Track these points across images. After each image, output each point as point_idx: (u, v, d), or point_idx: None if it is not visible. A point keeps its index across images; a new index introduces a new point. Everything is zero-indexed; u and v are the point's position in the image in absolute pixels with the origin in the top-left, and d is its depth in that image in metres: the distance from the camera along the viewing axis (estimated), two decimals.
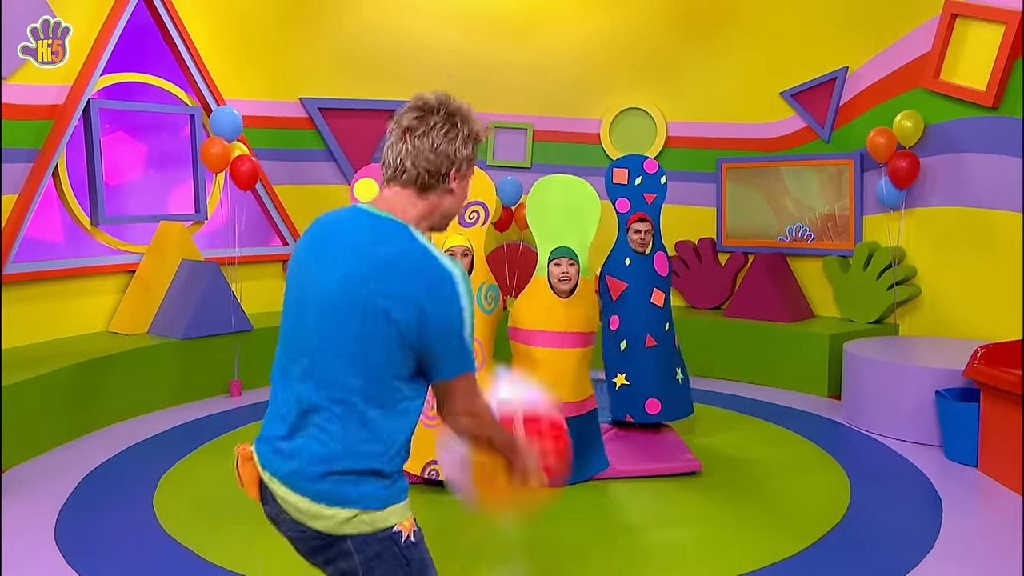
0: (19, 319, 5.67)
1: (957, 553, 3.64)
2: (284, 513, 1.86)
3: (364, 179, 5.20)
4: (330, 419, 1.81)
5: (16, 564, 3.55)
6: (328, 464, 1.80)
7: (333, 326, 1.80)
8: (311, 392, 1.83)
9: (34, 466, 4.79)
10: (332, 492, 1.80)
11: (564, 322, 4.43)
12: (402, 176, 1.89)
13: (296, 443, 1.84)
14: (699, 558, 3.63)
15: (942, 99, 6.18)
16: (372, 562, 1.83)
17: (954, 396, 4.94)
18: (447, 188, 1.92)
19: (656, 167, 5.21)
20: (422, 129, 1.88)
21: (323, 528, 1.82)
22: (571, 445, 2.23)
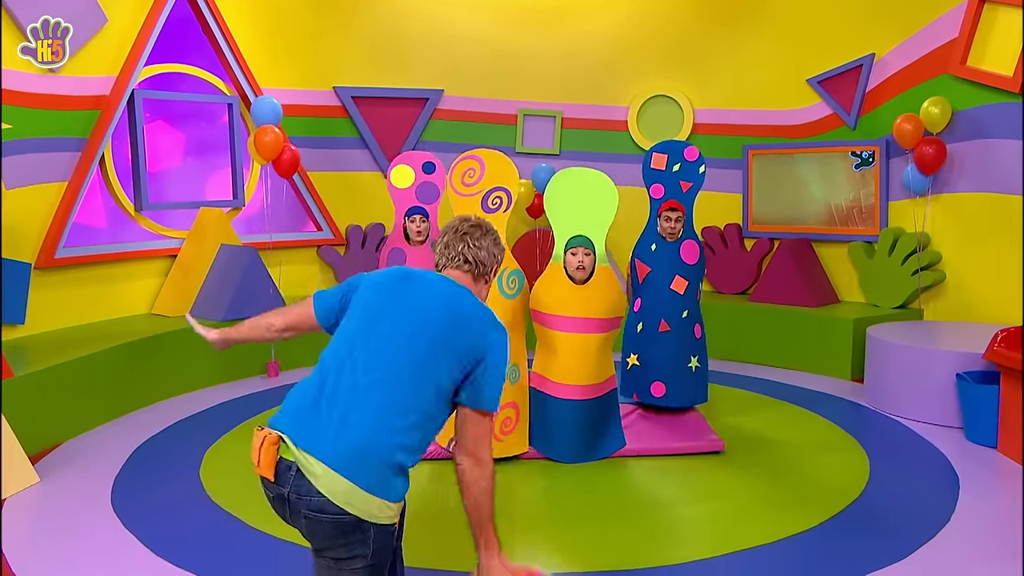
0: (67, 302, 5.92)
1: (971, 529, 3.73)
2: (314, 496, 2.11)
3: (400, 166, 5.40)
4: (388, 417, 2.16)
5: (79, 528, 3.79)
6: (376, 452, 2.12)
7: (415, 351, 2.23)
8: (376, 396, 2.17)
9: (87, 440, 5.04)
10: (373, 480, 2.11)
11: (581, 308, 4.55)
12: (463, 267, 2.48)
13: (347, 429, 2.14)
14: (719, 531, 3.75)
15: (969, 85, 6.20)
16: (378, 552, 2.18)
17: (975, 379, 5.00)
18: (486, 280, 2.53)
19: (696, 155, 5.25)
20: (479, 234, 2.50)
21: (357, 512, 2.10)
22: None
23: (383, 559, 2.20)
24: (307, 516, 2.12)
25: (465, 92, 7.96)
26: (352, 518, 2.10)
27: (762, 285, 7.26)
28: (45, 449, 4.81)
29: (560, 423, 4.57)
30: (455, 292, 2.37)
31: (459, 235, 2.47)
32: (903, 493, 4.16)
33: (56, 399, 4.95)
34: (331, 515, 2.10)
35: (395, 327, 2.26)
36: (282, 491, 2.15)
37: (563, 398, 4.55)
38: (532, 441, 4.68)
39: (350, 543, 2.13)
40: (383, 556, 2.19)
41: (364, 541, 2.13)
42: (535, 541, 3.66)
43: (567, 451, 4.59)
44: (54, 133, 5.70)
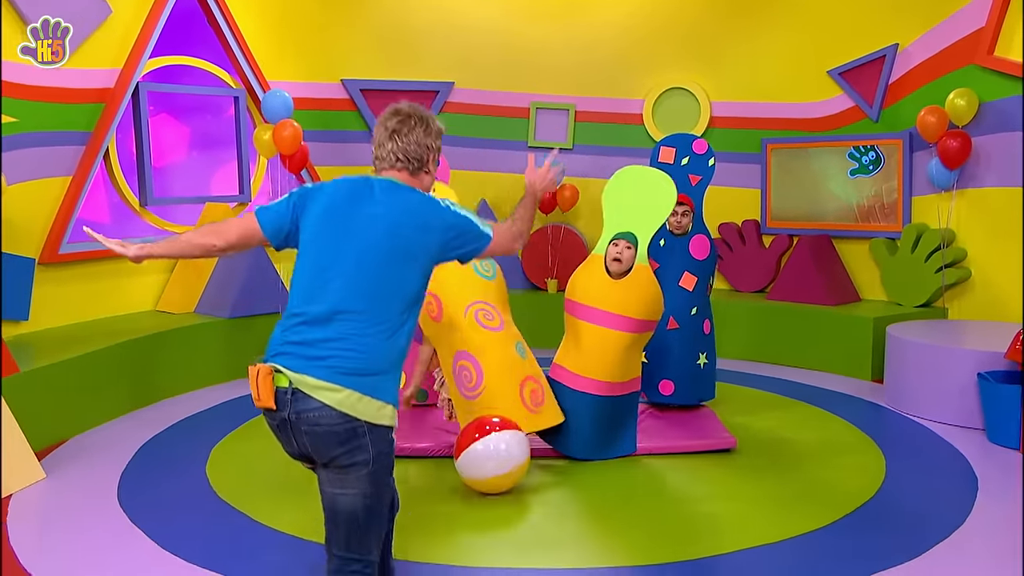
0: (72, 298, 5.89)
1: (987, 531, 3.66)
2: (313, 410, 2.28)
3: None
4: (359, 326, 2.33)
5: (85, 523, 3.80)
6: (358, 362, 2.30)
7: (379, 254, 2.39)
8: (349, 305, 2.34)
9: (92, 436, 5.03)
10: (359, 381, 2.30)
11: (612, 303, 4.43)
12: (397, 164, 2.56)
13: (317, 342, 2.32)
14: (730, 528, 3.71)
15: (997, 76, 6.04)
16: (380, 456, 2.34)
17: (997, 379, 4.89)
18: (425, 170, 2.61)
19: (705, 148, 5.16)
20: (404, 131, 2.55)
21: (349, 413, 2.28)
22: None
23: (384, 468, 2.38)
24: (307, 431, 2.30)
25: (476, 85, 7.88)
26: (348, 424, 2.28)
27: (780, 283, 7.13)
28: (51, 445, 4.80)
29: (574, 416, 4.46)
30: (398, 195, 2.50)
31: (388, 133, 2.55)
32: (919, 493, 4.09)
33: (61, 395, 4.93)
34: (328, 424, 2.27)
35: (354, 248, 2.40)
36: (283, 414, 2.31)
37: (581, 391, 4.45)
38: (542, 433, 4.58)
39: (350, 449, 2.30)
40: (384, 464, 2.37)
41: (363, 446, 2.30)
42: (547, 536, 3.66)
43: (576, 445, 4.49)
44: (58, 127, 5.66)
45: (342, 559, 2.40)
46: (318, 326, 2.33)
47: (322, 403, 2.26)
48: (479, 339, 4.36)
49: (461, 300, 4.42)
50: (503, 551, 3.53)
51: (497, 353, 4.37)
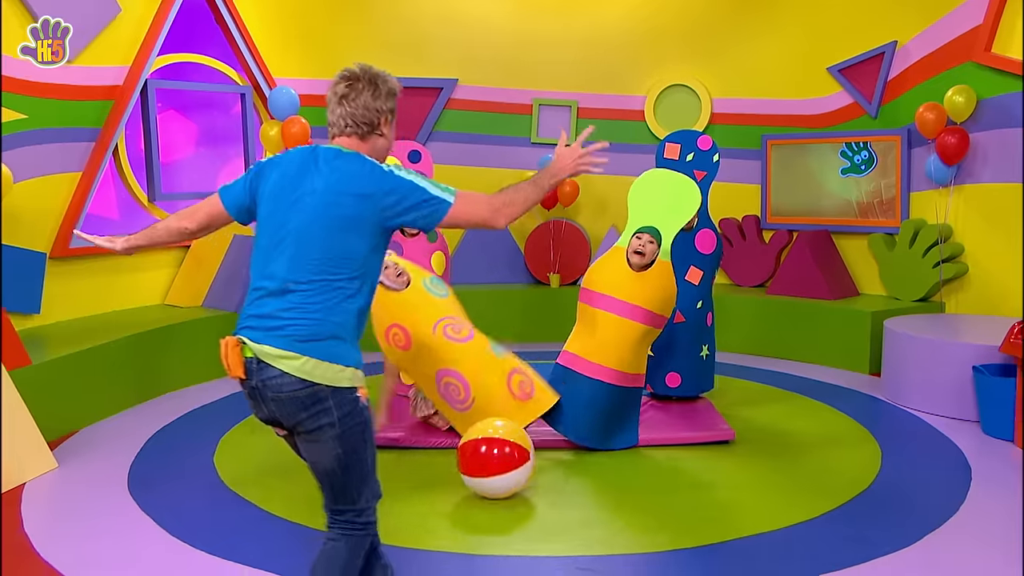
0: (82, 291, 5.98)
1: (980, 519, 3.72)
2: (274, 377, 2.35)
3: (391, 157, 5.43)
4: (310, 296, 2.37)
5: (97, 511, 3.89)
6: (311, 328, 2.35)
7: (321, 225, 2.40)
8: (298, 276, 2.38)
9: (103, 427, 5.12)
10: (318, 349, 2.35)
11: (630, 293, 4.52)
12: (346, 130, 2.51)
13: (274, 316, 2.38)
14: (729, 516, 3.79)
15: (994, 73, 6.10)
16: (346, 418, 2.38)
17: (992, 372, 4.95)
18: (379, 132, 2.56)
19: (710, 144, 5.24)
20: (352, 95, 2.50)
21: (309, 378, 2.33)
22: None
23: (355, 427, 2.41)
24: (273, 399, 2.38)
25: (480, 81, 7.94)
26: (309, 389, 2.34)
27: (780, 277, 7.19)
28: (63, 436, 4.89)
29: (582, 401, 4.55)
30: (339, 164, 2.46)
31: (338, 99, 2.52)
32: (913, 484, 4.15)
33: (72, 387, 5.02)
34: (290, 391, 2.34)
35: (304, 222, 2.42)
36: (251, 383, 2.40)
37: (591, 377, 4.53)
38: (546, 416, 4.68)
39: (314, 413, 2.36)
40: (353, 423, 2.40)
41: (327, 410, 2.36)
42: (552, 525, 3.73)
43: (581, 431, 4.57)
44: (68, 123, 5.75)
45: (332, 512, 2.51)
46: (275, 298, 2.39)
47: (282, 371, 2.33)
48: (454, 353, 4.46)
49: (426, 321, 4.51)
50: (508, 539, 3.61)
51: (475, 360, 4.48)
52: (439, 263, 5.56)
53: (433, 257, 5.53)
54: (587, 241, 7.83)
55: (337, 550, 2.49)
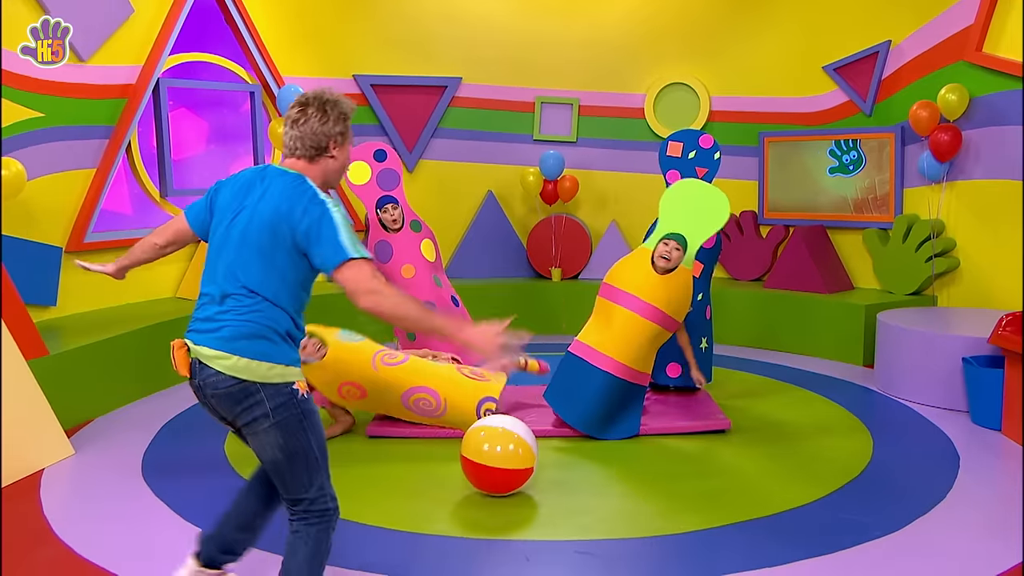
0: (96, 285, 6.07)
1: (966, 505, 3.84)
2: (211, 376, 2.53)
3: (354, 163, 5.63)
4: (242, 301, 2.54)
5: (113, 495, 4.03)
6: (241, 329, 2.51)
7: (245, 240, 2.56)
8: (231, 285, 2.56)
9: (117, 416, 5.26)
10: (248, 348, 2.50)
11: (649, 294, 4.67)
12: (296, 152, 2.66)
13: (213, 320, 2.56)
14: (723, 503, 3.90)
15: (985, 72, 6.22)
16: (279, 409, 2.52)
17: (981, 363, 5.06)
18: (330, 155, 2.68)
19: (711, 142, 5.38)
20: (302, 120, 2.64)
21: (240, 375, 2.50)
22: None
23: (291, 418, 2.54)
24: (212, 395, 2.55)
25: (483, 80, 8.07)
26: (240, 386, 2.50)
27: (777, 272, 7.33)
28: (79, 424, 5.02)
29: (589, 390, 4.69)
30: (278, 183, 2.60)
31: (290, 123, 2.67)
32: (903, 471, 4.27)
33: (88, 377, 5.15)
34: (224, 388, 2.52)
35: (238, 234, 2.58)
36: (195, 382, 2.59)
37: (600, 367, 4.68)
38: (550, 397, 4.85)
39: (247, 407, 2.53)
40: (289, 416, 2.54)
41: (258, 403, 2.52)
42: (551, 511, 3.82)
43: (584, 418, 4.71)
44: (83, 121, 5.90)
45: (288, 502, 2.65)
46: (214, 303, 2.57)
47: (216, 370, 2.51)
48: (403, 374, 4.70)
49: (363, 365, 4.69)
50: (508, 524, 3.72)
51: (424, 369, 4.75)
52: (429, 250, 5.70)
53: (423, 245, 5.67)
54: (588, 236, 7.97)
55: (298, 541, 2.62)
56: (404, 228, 5.64)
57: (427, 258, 5.67)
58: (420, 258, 5.64)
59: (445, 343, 5.35)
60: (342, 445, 4.69)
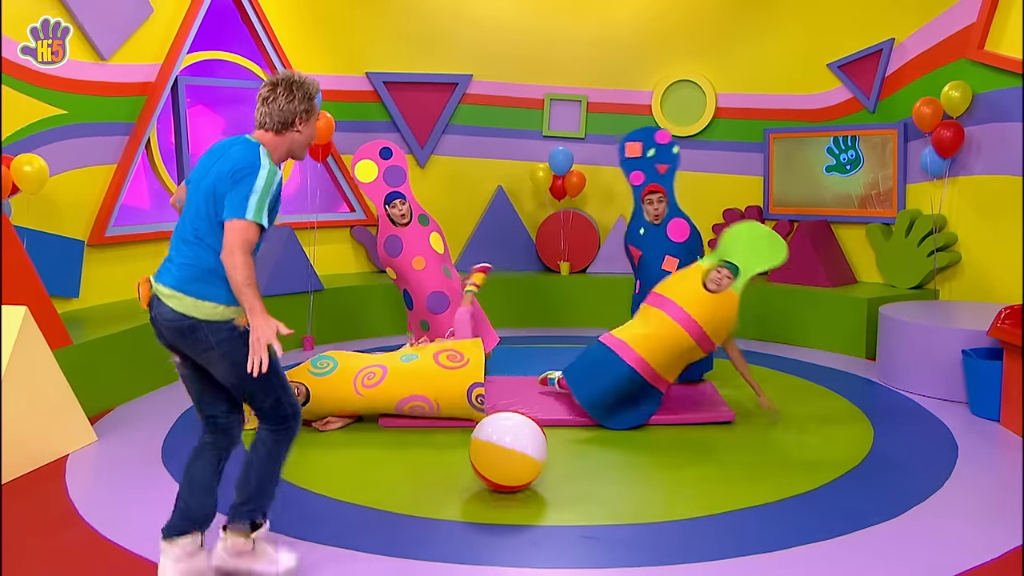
0: (117, 277, 6.27)
1: (964, 493, 3.93)
2: (164, 311, 2.93)
3: (362, 161, 5.81)
4: (192, 248, 2.93)
5: (134, 480, 4.16)
6: (189, 273, 2.91)
7: (199, 194, 2.94)
8: (188, 233, 2.95)
9: (138, 404, 5.40)
10: (194, 290, 2.90)
11: (693, 307, 4.80)
12: (265, 126, 3.03)
13: (175, 263, 2.96)
14: (729, 490, 3.99)
15: (987, 69, 6.31)
16: (223, 343, 2.93)
17: (980, 355, 5.16)
18: (295, 129, 3.04)
19: (668, 138, 5.50)
20: (271, 97, 3.01)
21: (187, 313, 2.89)
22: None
23: (235, 347, 2.91)
24: (164, 326, 2.96)
25: (493, 77, 8.19)
26: (186, 322, 2.90)
27: (781, 266, 7.39)
28: (101, 412, 5.16)
29: (607, 377, 4.80)
30: (233, 149, 2.96)
31: (261, 100, 3.04)
32: (903, 460, 4.36)
33: (110, 366, 5.29)
34: (174, 320, 2.92)
35: (194, 191, 2.98)
36: (152, 314, 2.99)
37: (625, 360, 4.79)
38: (569, 375, 4.98)
39: (194, 339, 2.93)
40: (233, 346, 2.92)
41: (202, 338, 2.91)
42: (557, 498, 3.92)
43: (593, 400, 4.82)
44: (104, 118, 6.06)
45: (254, 410, 3.07)
46: (175, 249, 2.98)
47: (169, 307, 2.91)
48: (390, 391, 4.77)
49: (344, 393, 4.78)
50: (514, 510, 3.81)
51: (406, 376, 4.80)
52: (437, 243, 5.84)
53: (431, 239, 5.81)
54: (595, 230, 8.08)
55: (259, 443, 3.08)
56: (412, 222, 5.77)
57: (436, 250, 5.81)
58: (430, 250, 5.78)
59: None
60: (357, 435, 4.83)
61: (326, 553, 3.35)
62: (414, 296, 5.75)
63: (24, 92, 5.48)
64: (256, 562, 3.09)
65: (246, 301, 2.83)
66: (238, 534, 3.06)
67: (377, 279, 7.69)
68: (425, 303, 5.70)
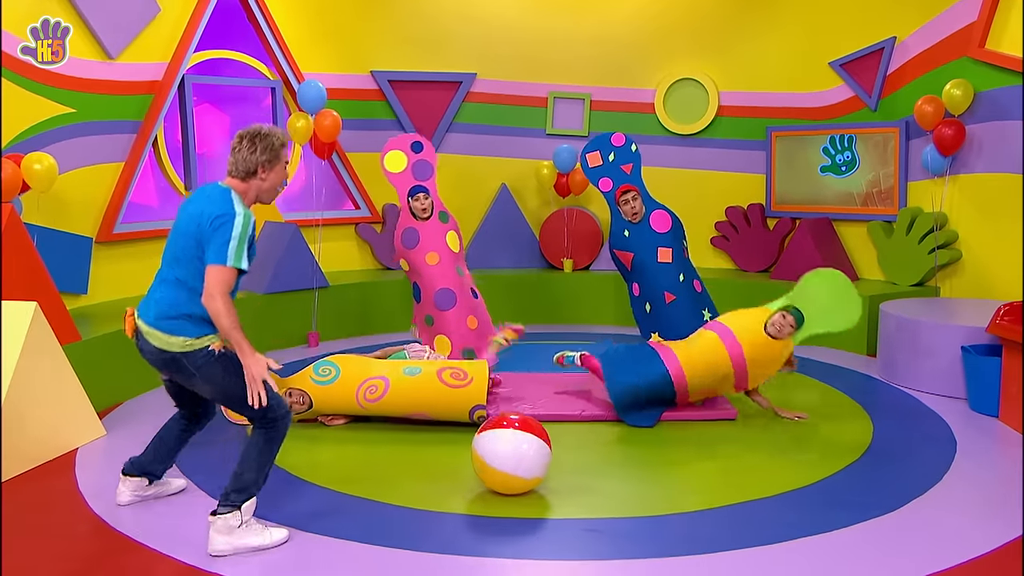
0: (125, 273, 6.33)
1: (961, 487, 3.99)
2: (145, 344, 3.29)
3: (392, 152, 5.84)
4: (169, 288, 3.26)
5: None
6: (165, 311, 3.24)
7: (177, 238, 3.25)
8: (165, 272, 3.30)
9: (145, 399, 5.44)
10: (168, 327, 3.23)
11: (745, 339, 4.81)
12: (232, 173, 3.32)
13: (152, 299, 3.30)
14: (731, 485, 4.04)
15: (987, 68, 6.35)
16: (202, 368, 3.27)
17: (980, 351, 5.19)
18: (259, 178, 3.33)
19: (623, 139, 5.55)
20: (237, 148, 3.31)
21: (165, 348, 3.23)
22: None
23: (214, 372, 3.26)
24: (149, 358, 3.33)
25: (497, 76, 8.24)
26: (165, 355, 3.25)
27: (783, 263, 7.47)
28: (109, 407, 5.22)
29: (642, 373, 4.84)
30: (206, 195, 3.28)
31: (231, 149, 3.33)
32: (902, 455, 4.41)
33: (118, 362, 5.31)
34: (155, 353, 3.28)
35: (175, 232, 3.30)
36: (138, 344, 3.35)
37: (665, 364, 4.83)
38: (605, 360, 5.00)
39: (177, 369, 3.29)
40: (211, 371, 3.26)
41: (182, 367, 3.27)
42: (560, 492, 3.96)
43: (620, 390, 4.85)
44: (112, 116, 6.12)
45: (248, 418, 3.38)
46: (154, 287, 3.33)
47: (147, 341, 3.27)
48: (392, 406, 4.75)
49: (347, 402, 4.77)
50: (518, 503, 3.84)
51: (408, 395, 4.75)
52: (454, 241, 5.89)
53: (448, 236, 5.86)
54: (599, 228, 8.13)
55: (252, 442, 3.36)
56: (432, 218, 5.83)
57: (451, 248, 5.86)
58: (445, 247, 5.83)
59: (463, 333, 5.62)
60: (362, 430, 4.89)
61: (332, 545, 3.40)
62: (423, 290, 5.80)
63: (33, 91, 5.54)
64: (247, 537, 3.30)
65: (235, 343, 3.15)
66: (227, 514, 3.28)
67: (382, 276, 7.75)
68: (433, 298, 5.75)
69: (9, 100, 5.34)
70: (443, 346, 5.65)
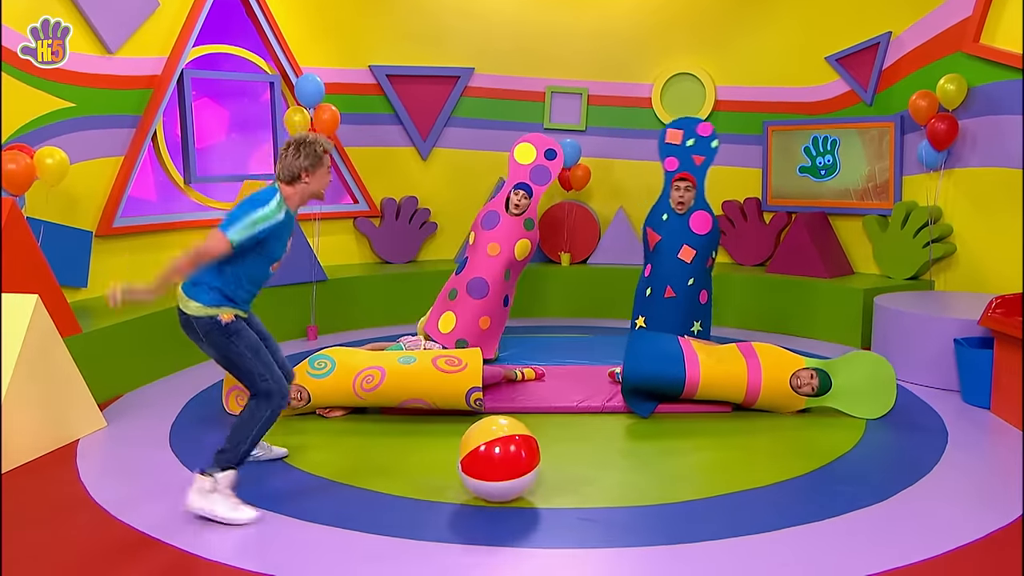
0: (124, 266, 6.35)
1: (951, 477, 4.04)
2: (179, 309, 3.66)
3: (525, 143, 6.03)
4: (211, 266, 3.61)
5: (142, 464, 4.26)
6: (196, 278, 3.61)
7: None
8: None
9: (145, 391, 5.51)
10: (190, 291, 3.62)
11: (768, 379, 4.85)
12: (280, 177, 3.72)
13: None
14: (724, 475, 4.09)
15: (982, 63, 6.39)
16: (208, 335, 3.65)
17: (972, 344, 5.25)
18: (304, 181, 3.72)
19: (710, 131, 5.53)
20: (283, 155, 3.71)
21: (184, 310, 3.64)
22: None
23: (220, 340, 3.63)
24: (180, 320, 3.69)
25: (495, 70, 8.27)
26: (183, 317, 3.65)
27: (779, 257, 7.51)
28: (110, 399, 5.26)
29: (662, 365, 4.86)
30: (260, 190, 3.68)
31: (279, 157, 3.73)
32: (894, 446, 4.47)
33: (119, 354, 5.40)
34: (180, 316, 3.68)
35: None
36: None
37: (685, 365, 4.85)
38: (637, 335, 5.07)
39: (190, 331, 3.69)
40: (217, 338, 3.63)
41: (194, 329, 3.65)
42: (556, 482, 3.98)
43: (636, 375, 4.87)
44: (111, 111, 6.14)
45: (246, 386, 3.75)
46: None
47: (178, 305, 3.67)
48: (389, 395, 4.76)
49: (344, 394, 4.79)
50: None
51: (405, 379, 4.77)
52: (522, 249, 5.95)
53: (520, 241, 5.94)
54: (596, 222, 8.17)
55: (246, 410, 3.67)
56: (520, 218, 5.92)
57: (516, 253, 5.95)
58: (510, 247, 5.92)
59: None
60: (359, 421, 4.93)
61: (329, 534, 3.44)
62: (468, 267, 5.97)
63: (32, 85, 5.57)
64: (217, 506, 3.50)
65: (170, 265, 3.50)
66: (206, 474, 3.54)
67: (380, 270, 7.79)
68: (469, 279, 5.85)
69: (9, 95, 5.38)
70: (447, 322, 5.71)
